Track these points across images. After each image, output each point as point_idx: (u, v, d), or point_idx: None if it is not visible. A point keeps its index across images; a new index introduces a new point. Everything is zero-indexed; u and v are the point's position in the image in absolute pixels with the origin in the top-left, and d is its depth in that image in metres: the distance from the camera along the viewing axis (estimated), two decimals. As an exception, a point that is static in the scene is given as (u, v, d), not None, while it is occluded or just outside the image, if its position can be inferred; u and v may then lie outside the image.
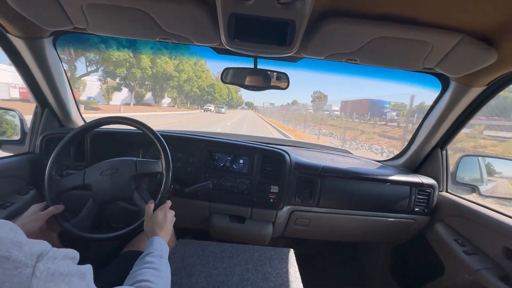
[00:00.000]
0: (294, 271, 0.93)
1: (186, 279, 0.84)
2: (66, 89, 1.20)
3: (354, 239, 1.40)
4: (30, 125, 1.22)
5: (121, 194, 0.87)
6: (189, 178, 1.18)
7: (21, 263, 0.31)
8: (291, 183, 1.17)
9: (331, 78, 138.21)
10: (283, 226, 1.25)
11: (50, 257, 0.34)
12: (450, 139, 1.21)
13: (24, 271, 0.30)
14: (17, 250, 0.31)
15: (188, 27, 0.77)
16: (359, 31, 0.71)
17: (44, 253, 0.34)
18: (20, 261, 0.31)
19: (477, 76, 0.88)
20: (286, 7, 0.58)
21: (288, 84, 1.08)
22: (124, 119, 0.91)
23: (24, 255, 0.32)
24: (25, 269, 0.31)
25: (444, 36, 0.69)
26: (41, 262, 0.33)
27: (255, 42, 0.74)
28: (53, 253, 0.35)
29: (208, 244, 1.03)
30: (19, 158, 1.12)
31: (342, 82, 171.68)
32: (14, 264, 0.30)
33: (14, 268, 0.30)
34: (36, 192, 1.10)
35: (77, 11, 0.72)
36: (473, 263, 0.94)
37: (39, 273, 0.32)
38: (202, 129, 4.85)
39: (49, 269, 0.33)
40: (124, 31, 0.84)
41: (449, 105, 1.06)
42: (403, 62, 0.86)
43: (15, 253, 0.31)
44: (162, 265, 0.63)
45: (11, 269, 0.30)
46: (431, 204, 1.21)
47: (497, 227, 0.92)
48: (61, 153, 0.88)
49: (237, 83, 1.09)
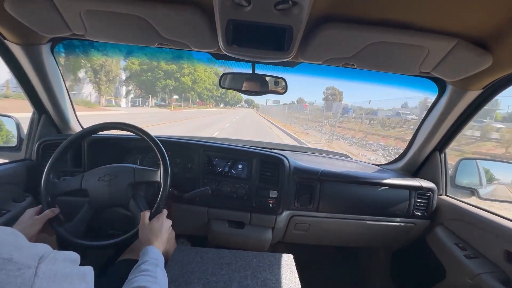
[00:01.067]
0: (293, 277, 0.92)
1: (184, 287, 0.83)
2: (64, 95, 1.19)
3: (354, 243, 1.39)
4: (26, 131, 1.21)
5: (117, 201, 0.86)
6: (187, 184, 1.17)
7: (23, 265, 0.31)
8: (290, 188, 1.16)
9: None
10: (282, 231, 1.24)
11: (52, 258, 0.35)
12: (448, 142, 1.21)
13: (27, 272, 0.31)
14: (19, 253, 0.32)
15: (186, 33, 0.77)
16: (356, 36, 0.71)
17: (45, 255, 0.35)
18: (23, 263, 0.31)
19: (473, 80, 0.89)
20: (283, 13, 0.59)
21: (286, 89, 1.09)
22: (122, 124, 0.90)
23: (26, 257, 0.32)
24: (28, 270, 0.31)
25: (440, 40, 0.69)
26: (43, 263, 0.33)
27: (253, 47, 0.74)
28: (54, 255, 0.36)
29: (206, 251, 1.02)
30: (15, 164, 1.11)
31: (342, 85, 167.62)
32: (17, 266, 0.31)
33: (17, 270, 0.30)
34: (32, 199, 1.09)
35: (75, 17, 0.72)
36: (474, 267, 0.93)
37: (42, 273, 0.32)
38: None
39: (51, 270, 0.34)
40: (122, 37, 0.84)
41: (446, 109, 1.06)
42: (400, 66, 0.87)
43: (17, 255, 0.32)
44: (158, 273, 0.62)
45: (13, 271, 0.30)
46: (431, 208, 1.20)
47: (498, 230, 0.92)
48: (59, 158, 0.87)
49: (235, 88, 1.10)
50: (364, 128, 14.90)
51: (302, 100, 56.20)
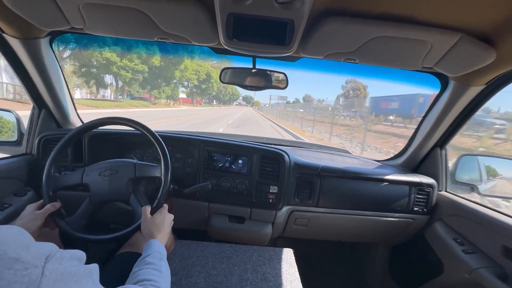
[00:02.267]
0: (293, 271, 0.93)
1: (186, 280, 0.84)
2: (64, 90, 1.19)
3: (353, 239, 1.40)
4: (27, 126, 1.21)
5: (118, 196, 0.87)
6: (188, 179, 1.17)
7: (30, 264, 0.32)
8: (290, 183, 1.17)
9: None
10: (282, 226, 1.25)
11: (58, 258, 0.35)
12: (449, 139, 1.21)
13: (34, 271, 0.31)
14: (26, 252, 0.32)
15: (186, 27, 0.76)
16: (358, 31, 0.71)
17: (52, 254, 0.35)
18: (29, 262, 0.32)
19: (476, 75, 0.88)
20: (284, 7, 0.58)
21: (287, 84, 1.09)
22: (123, 119, 0.90)
23: (33, 257, 0.33)
24: (35, 269, 0.32)
25: (443, 35, 0.69)
26: (49, 263, 0.34)
27: (253, 41, 0.73)
28: (61, 254, 0.36)
29: (207, 245, 1.03)
30: (16, 159, 1.11)
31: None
32: (24, 265, 0.31)
33: (24, 269, 0.31)
34: (33, 194, 1.10)
35: (74, 11, 0.71)
36: (472, 262, 0.94)
37: (49, 273, 0.33)
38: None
39: (58, 269, 0.34)
40: (122, 31, 0.83)
41: (448, 104, 1.06)
42: (402, 61, 0.86)
43: (24, 254, 0.32)
44: (162, 266, 0.62)
45: (21, 270, 0.31)
46: (430, 204, 1.21)
47: (496, 226, 0.92)
48: (60, 152, 0.87)
49: (236, 83, 1.09)
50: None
51: (309, 97, 53.89)
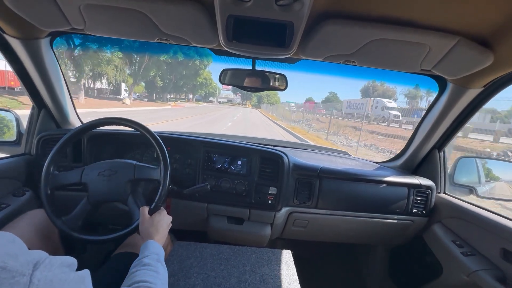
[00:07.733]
0: (292, 273, 0.93)
1: (184, 281, 0.84)
2: (63, 90, 1.19)
3: (352, 240, 1.40)
4: (26, 126, 1.21)
5: (116, 196, 0.87)
6: (187, 180, 1.17)
7: (17, 272, 0.31)
8: (289, 184, 1.17)
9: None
10: (281, 227, 1.25)
11: (47, 265, 0.35)
12: (447, 141, 1.21)
13: (21, 280, 0.31)
14: (13, 261, 0.32)
15: (186, 29, 0.77)
16: (357, 33, 0.71)
17: (40, 261, 0.34)
18: (17, 270, 0.31)
19: (474, 78, 0.89)
20: (284, 9, 0.58)
21: (287, 86, 1.09)
22: (122, 120, 0.90)
23: (20, 265, 0.32)
24: (22, 277, 0.31)
25: (441, 38, 0.69)
26: (37, 270, 0.33)
27: (253, 43, 0.74)
28: (50, 261, 0.36)
29: (205, 246, 1.02)
30: (15, 159, 1.11)
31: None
32: (11, 274, 0.31)
33: (11, 277, 0.30)
34: (32, 194, 1.09)
35: (75, 11, 0.71)
36: (471, 264, 0.94)
37: (37, 280, 0.32)
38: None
39: (47, 276, 0.33)
40: (122, 32, 0.83)
41: (446, 107, 1.06)
42: (400, 64, 0.87)
43: (11, 263, 0.31)
44: (159, 267, 0.62)
45: (8, 279, 0.30)
46: (429, 206, 1.21)
47: (495, 228, 0.93)
48: (59, 151, 0.87)
49: (236, 84, 1.09)
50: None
51: (312, 99, 52.69)
